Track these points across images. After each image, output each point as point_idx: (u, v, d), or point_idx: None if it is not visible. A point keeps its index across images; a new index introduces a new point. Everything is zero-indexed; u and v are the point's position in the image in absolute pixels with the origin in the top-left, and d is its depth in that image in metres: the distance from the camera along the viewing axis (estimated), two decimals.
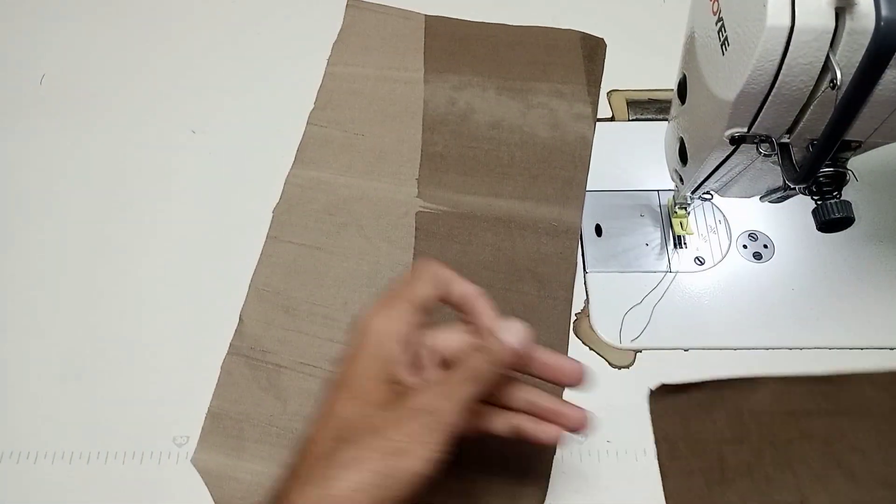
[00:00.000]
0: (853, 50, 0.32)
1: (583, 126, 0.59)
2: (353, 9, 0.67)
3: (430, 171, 0.57)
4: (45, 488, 0.45)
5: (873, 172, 0.55)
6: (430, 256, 0.53)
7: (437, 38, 0.64)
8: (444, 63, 0.63)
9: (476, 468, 0.45)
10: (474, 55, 0.63)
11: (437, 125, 0.59)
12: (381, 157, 0.58)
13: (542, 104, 0.60)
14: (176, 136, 0.60)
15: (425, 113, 0.60)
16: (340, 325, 0.51)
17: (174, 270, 0.53)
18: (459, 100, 0.61)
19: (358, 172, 0.57)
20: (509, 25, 0.65)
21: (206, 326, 0.50)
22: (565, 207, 0.55)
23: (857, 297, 0.51)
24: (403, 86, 0.62)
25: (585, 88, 0.61)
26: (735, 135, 0.38)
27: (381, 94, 0.61)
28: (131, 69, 0.64)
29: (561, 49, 0.63)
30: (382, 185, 0.56)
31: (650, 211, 0.55)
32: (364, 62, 0.63)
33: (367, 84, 0.62)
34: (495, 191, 0.56)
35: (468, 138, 0.59)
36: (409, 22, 0.65)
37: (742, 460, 0.45)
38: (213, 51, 0.65)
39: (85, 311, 0.52)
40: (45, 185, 0.58)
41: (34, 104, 0.62)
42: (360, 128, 0.59)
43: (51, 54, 0.65)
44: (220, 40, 0.65)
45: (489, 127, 0.59)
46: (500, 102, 0.61)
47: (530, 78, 0.62)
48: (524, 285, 0.52)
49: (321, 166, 0.57)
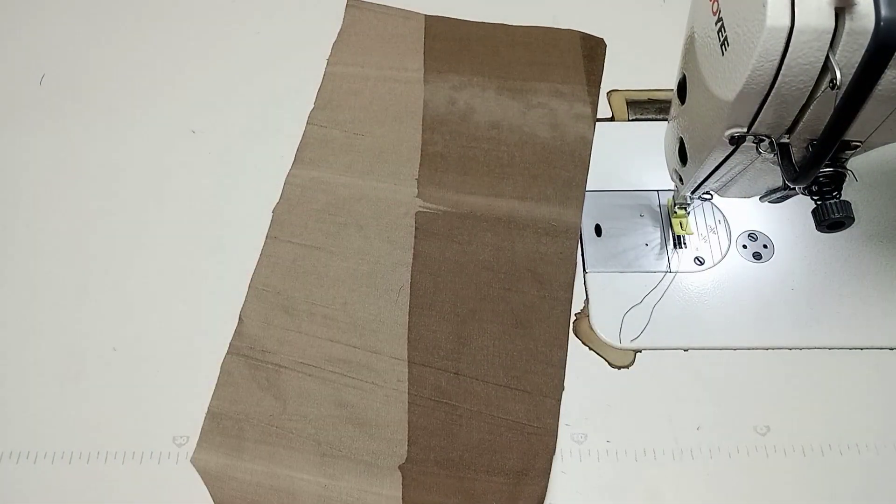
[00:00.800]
0: (853, 50, 0.32)
1: (583, 126, 0.59)
2: (354, 9, 0.66)
3: (429, 171, 0.57)
4: (44, 488, 0.45)
5: (873, 172, 0.55)
6: (430, 256, 0.53)
7: (437, 39, 0.64)
8: (444, 63, 0.63)
9: (476, 468, 0.45)
10: (474, 55, 0.63)
11: (436, 125, 0.59)
12: (380, 157, 0.58)
13: (542, 104, 0.60)
14: (176, 136, 0.59)
15: (425, 113, 0.60)
16: (340, 324, 0.50)
17: (174, 270, 0.53)
18: (459, 100, 0.61)
19: (358, 172, 0.57)
20: (509, 25, 0.65)
21: (206, 326, 0.50)
22: (565, 207, 0.55)
23: (857, 297, 0.51)
24: (403, 86, 0.61)
25: (585, 89, 0.61)
26: (735, 135, 0.38)
27: (381, 94, 0.61)
28: (131, 69, 0.64)
29: (561, 49, 0.63)
30: (382, 185, 0.56)
31: (650, 211, 0.55)
32: (364, 62, 0.63)
33: (367, 84, 0.62)
34: (495, 191, 0.56)
35: (468, 138, 0.59)
36: (409, 22, 0.65)
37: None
38: (213, 51, 0.65)
39: (84, 311, 0.52)
40: (44, 185, 0.58)
41: (34, 104, 0.62)
42: (360, 128, 0.59)
43: (51, 54, 0.65)
44: (220, 40, 0.65)
45: (489, 127, 0.59)
46: (499, 102, 0.60)
47: (530, 78, 0.62)
48: (524, 285, 0.52)
49: (321, 166, 0.57)
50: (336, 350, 0.49)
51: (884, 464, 0.45)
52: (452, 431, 0.46)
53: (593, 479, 0.45)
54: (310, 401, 0.47)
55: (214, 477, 0.45)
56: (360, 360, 0.49)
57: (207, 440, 0.46)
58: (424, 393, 0.48)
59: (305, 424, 0.47)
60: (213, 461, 0.45)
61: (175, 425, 0.47)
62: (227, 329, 0.50)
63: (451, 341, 0.50)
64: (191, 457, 0.45)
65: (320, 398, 0.47)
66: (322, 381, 0.48)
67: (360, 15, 0.66)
